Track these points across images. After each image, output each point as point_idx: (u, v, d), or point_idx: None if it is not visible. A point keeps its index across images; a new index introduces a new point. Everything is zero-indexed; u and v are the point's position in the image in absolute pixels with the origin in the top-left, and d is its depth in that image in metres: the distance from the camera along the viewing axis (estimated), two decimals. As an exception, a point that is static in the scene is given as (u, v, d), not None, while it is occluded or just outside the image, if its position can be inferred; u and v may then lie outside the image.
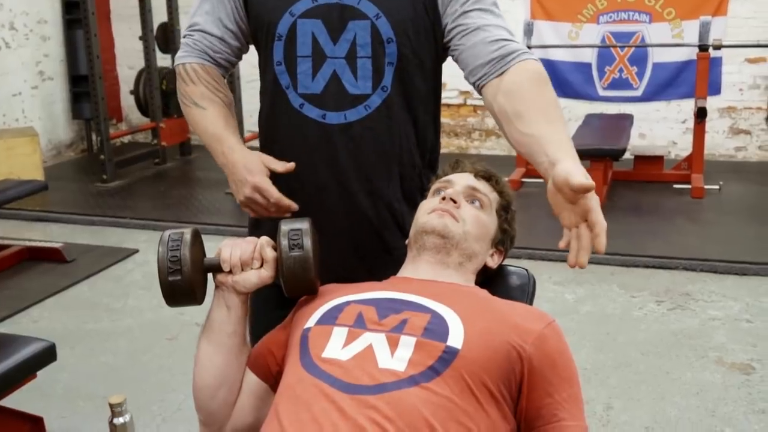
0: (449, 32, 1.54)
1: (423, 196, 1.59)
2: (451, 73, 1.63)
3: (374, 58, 1.53)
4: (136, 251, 4.45)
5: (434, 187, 1.52)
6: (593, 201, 1.17)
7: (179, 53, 1.66)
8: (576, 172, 1.16)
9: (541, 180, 1.23)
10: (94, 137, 6.87)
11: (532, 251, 4.15)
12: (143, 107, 6.63)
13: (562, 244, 1.19)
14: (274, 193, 1.51)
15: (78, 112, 6.96)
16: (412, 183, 1.64)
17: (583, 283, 3.87)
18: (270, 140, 1.65)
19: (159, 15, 6.33)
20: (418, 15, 1.54)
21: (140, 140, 7.34)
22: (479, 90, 1.50)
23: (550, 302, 3.62)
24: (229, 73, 1.70)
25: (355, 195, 1.58)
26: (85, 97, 6.57)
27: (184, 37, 1.66)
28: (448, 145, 6.62)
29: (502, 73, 1.44)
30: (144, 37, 6.33)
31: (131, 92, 6.69)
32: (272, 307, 1.53)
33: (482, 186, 1.49)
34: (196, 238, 1.38)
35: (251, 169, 1.52)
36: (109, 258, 4.34)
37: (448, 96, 6.52)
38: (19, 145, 5.58)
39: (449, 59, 1.61)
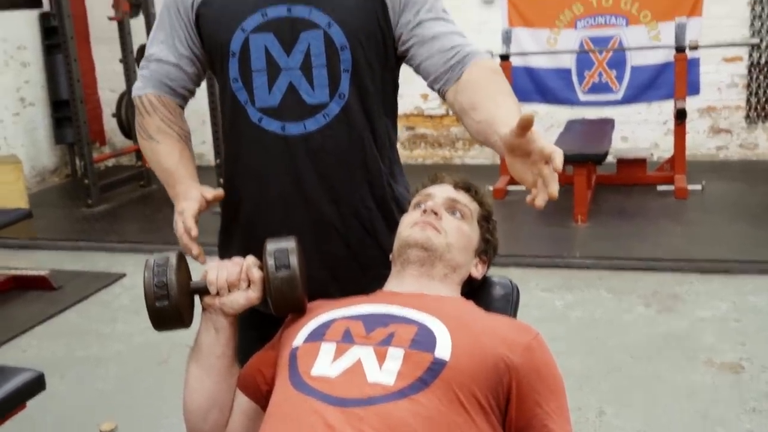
0: (404, 42, 1.58)
1: (397, 205, 1.62)
2: (431, 84, 1.65)
3: (329, 66, 1.55)
4: (124, 275, 4.43)
5: (414, 200, 1.53)
6: (543, 140, 1.18)
7: (136, 84, 1.67)
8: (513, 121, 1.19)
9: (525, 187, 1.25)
10: (77, 162, 6.85)
11: (519, 258, 4.16)
12: (126, 130, 6.62)
13: (529, 199, 1.22)
14: (188, 220, 1.48)
15: (61, 137, 6.94)
16: (382, 190, 1.65)
17: (571, 288, 3.88)
18: (232, 156, 1.67)
19: (138, 37, 6.32)
20: (370, 22, 1.56)
21: (124, 163, 7.33)
22: (443, 96, 1.56)
23: (539, 309, 3.63)
24: (187, 101, 1.70)
25: (319, 203, 1.59)
26: (67, 122, 6.55)
27: (141, 68, 1.67)
28: (432, 155, 6.64)
29: (460, 76, 1.51)
30: (124, 60, 6.33)
31: (113, 115, 6.68)
32: (245, 327, 1.53)
33: (462, 197, 1.51)
34: (182, 261, 1.38)
35: (187, 197, 1.53)
36: (97, 283, 4.32)
37: (430, 107, 6.55)
38: (2, 173, 5.55)
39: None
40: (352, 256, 1.63)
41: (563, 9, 6.03)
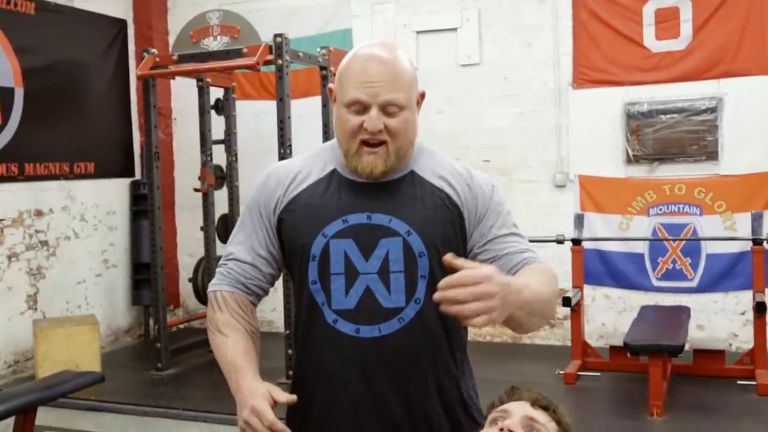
0: (476, 254, 1.66)
1: (463, 409, 1.60)
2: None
3: (407, 271, 1.62)
4: (187, 445, 4.41)
5: (491, 416, 1.51)
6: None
7: (213, 281, 1.75)
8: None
9: (598, 373, 1.26)
10: (151, 323, 7.01)
11: (592, 453, 3.98)
12: (200, 294, 6.78)
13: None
14: (269, 416, 1.51)
15: (137, 299, 7.15)
16: (451, 395, 1.65)
17: (647, 491, 3.67)
18: (306, 355, 1.71)
19: (221, 207, 6.62)
20: (447, 231, 1.64)
21: (196, 326, 7.44)
22: None
23: None
24: (260, 299, 1.76)
25: (391, 407, 1.60)
26: (145, 284, 6.79)
27: (219, 266, 1.75)
28: (500, 334, 6.56)
29: None
30: (205, 228, 6.59)
31: (190, 280, 6.88)
32: None
33: (540, 415, 1.49)
34: None
35: (254, 394, 1.56)
36: (159, 453, 4.30)
37: (500, 285, 6.55)
38: (80, 334, 5.70)
39: None
40: None
41: (636, 196, 6.09)
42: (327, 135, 5.50)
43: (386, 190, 1.65)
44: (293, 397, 1.59)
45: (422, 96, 1.69)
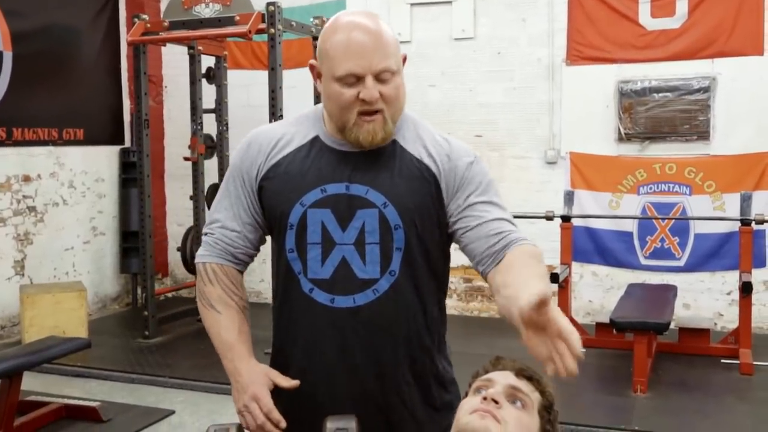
0: (454, 224, 1.64)
1: (436, 380, 1.61)
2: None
3: (382, 243, 1.61)
4: (172, 412, 4.41)
5: (475, 385, 1.51)
6: (561, 319, 1.27)
7: (200, 251, 1.74)
8: (531, 296, 1.27)
9: (584, 349, 1.29)
10: (139, 292, 7.00)
11: (575, 428, 4.02)
12: (189, 264, 6.77)
13: (550, 371, 1.29)
14: (268, 403, 1.58)
15: (126, 267, 7.14)
16: (423, 367, 1.66)
17: (629, 465, 3.70)
18: (283, 323, 1.71)
19: (210, 177, 6.59)
20: (424, 204, 1.63)
21: (184, 295, 7.45)
22: (485, 278, 1.62)
23: (595, 486, 3.47)
24: (247, 266, 1.76)
25: (363, 376, 1.62)
26: (134, 252, 6.77)
27: (205, 234, 1.74)
28: (488, 308, 6.56)
29: (501, 260, 1.57)
30: (195, 197, 6.57)
31: (178, 249, 6.86)
32: None
33: (524, 385, 1.48)
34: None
35: (254, 380, 1.60)
36: (145, 419, 4.31)
37: (489, 261, 6.56)
38: (67, 300, 5.70)
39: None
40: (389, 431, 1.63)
41: (626, 174, 6.10)
42: (318, 106, 5.46)
43: (366, 160, 1.63)
44: (295, 382, 1.62)
45: (404, 59, 1.66)
